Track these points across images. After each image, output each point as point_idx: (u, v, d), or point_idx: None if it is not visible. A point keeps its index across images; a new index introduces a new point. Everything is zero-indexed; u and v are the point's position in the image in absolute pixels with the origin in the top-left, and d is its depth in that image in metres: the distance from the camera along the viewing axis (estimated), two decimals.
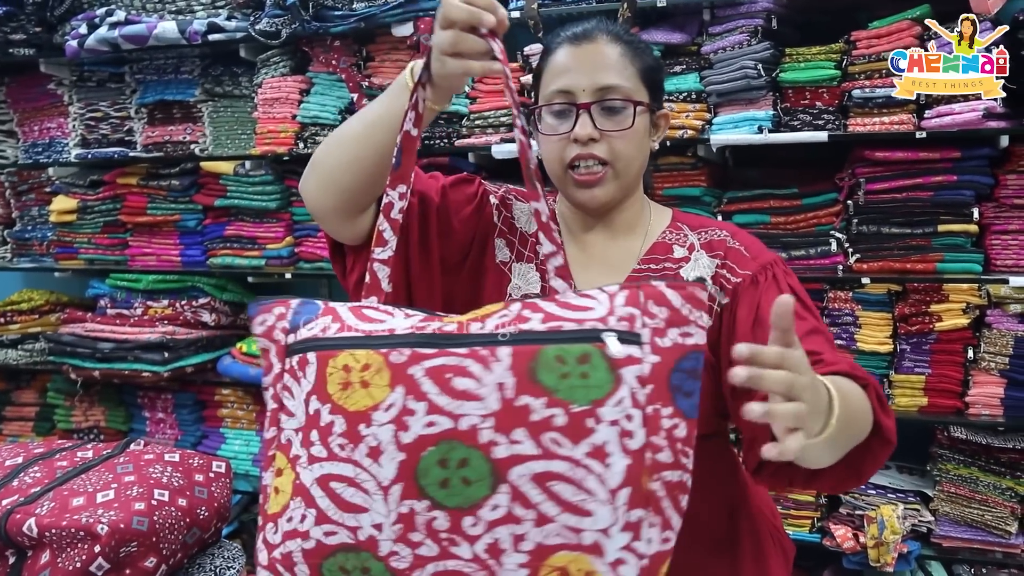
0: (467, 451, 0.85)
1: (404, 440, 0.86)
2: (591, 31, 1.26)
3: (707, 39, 2.50)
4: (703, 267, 1.26)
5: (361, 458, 0.86)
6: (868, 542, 2.38)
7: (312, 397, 0.89)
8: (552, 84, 1.25)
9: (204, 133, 3.08)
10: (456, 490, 0.85)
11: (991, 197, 2.36)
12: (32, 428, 3.44)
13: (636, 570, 0.86)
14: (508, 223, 1.34)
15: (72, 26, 3.06)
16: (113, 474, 1.45)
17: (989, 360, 2.36)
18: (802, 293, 1.22)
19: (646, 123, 1.26)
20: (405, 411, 0.86)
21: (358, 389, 0.87)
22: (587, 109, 1.21)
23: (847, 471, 1.05)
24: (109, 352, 3.04)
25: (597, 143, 1.22)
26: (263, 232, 3.04)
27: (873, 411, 1.03)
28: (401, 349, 0.88)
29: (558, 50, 1.26)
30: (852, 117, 2.37)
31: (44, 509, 1.33)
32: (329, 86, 2.86)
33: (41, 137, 3.37)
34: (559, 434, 0.85)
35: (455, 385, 0.85)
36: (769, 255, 1.25)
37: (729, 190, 2.60)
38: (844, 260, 2.45)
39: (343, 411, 0.87)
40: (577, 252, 1.32)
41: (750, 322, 1.17)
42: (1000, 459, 2.40)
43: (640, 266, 1.28)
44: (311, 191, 1.20)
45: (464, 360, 0.86)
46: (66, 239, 3.35)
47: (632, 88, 1.23)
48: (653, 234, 1.32)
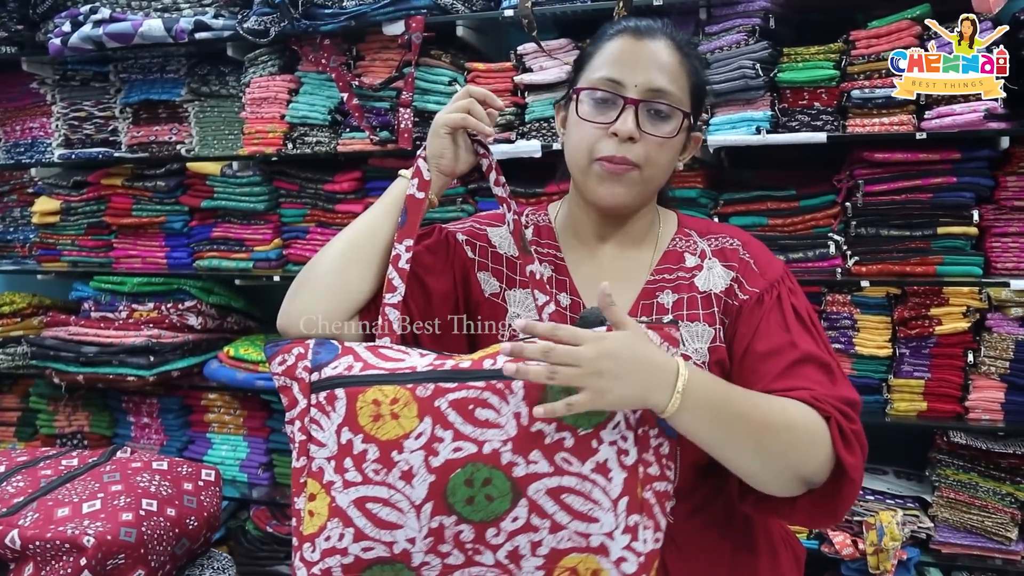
0: (490, 471, 0.99)
1: (434, 464, 0.99)
2: (655, 30, 1.22)
3: (704, 39, 2.46)
4: (717, 276, 1.24)
5: (395, 481, 0.99)
6: (867, 549, 2.35)
7: (344, 429, 1.01)
8: (601, 70, 1.20)
9: (190, 133, 3.03)
10: (480, 506, 0.99)
11: (991, 199, 2.34)
12: (14, 434, 3.37)
13: (635, 566, 1.01)
14: (486, 253, 1.30)
15: (55, 24, 3.00)
16: (99, 483, 1.42)
17: (989, 364, 2.34)
18: (804, 310, 1.21)
19: (683, 138, 1.23)
20: (434, 438, 0.99)
21: (388, 420, 1.00)
22: (635, 105, 1.17)
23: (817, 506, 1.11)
24: (93, 356, 2.99)
25: (634, 144, 1.17)
26: (251, 234, 2.99)
27: (834, 443, 1.07)
28: (425, 384, 1.01)
29: (616, 38, 1.22)
30: (851, 118, 2.35)
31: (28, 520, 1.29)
32: (318, 86, 2.81)
33: (23, 137, 3.31)
34: (568, 454, 1.00)
35: (477, 415, 0.99)
36: (777, 269, 1.24)
37: (725, 192, 2.57)
38: (842, 263, 2.43)
39: (376, 440, 1.00)
40: (587, 263, 1.28)
41: (742, 349, 1.19)
42: (1000, 464, 2.37)
43: (653, 277, 1.26)
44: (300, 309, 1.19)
45: (483, 392, 1.00)
46: (49, 241, 3.29)
47: (682, 99, 1.20)
48: (663, 242, 1.29)
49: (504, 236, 1.30)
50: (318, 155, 2.82)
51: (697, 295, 1.23)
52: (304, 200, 2.93)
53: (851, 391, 1.15)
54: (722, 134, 2.43)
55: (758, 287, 1.21)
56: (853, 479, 1.09)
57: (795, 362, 1.14)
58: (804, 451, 1.07)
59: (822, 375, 1.14)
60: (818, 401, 1.09)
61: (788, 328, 1.17)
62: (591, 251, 1.29)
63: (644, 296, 1.24)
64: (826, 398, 1.10)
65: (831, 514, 1.13)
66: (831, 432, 1.08)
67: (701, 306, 1.22)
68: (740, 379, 1.16)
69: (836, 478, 1.09)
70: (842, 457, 1.08)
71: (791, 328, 1.17)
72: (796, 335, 1.17)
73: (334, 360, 1.05)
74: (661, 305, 1.23)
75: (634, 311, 1.23)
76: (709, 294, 1.22)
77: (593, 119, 1.19)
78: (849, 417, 1.11)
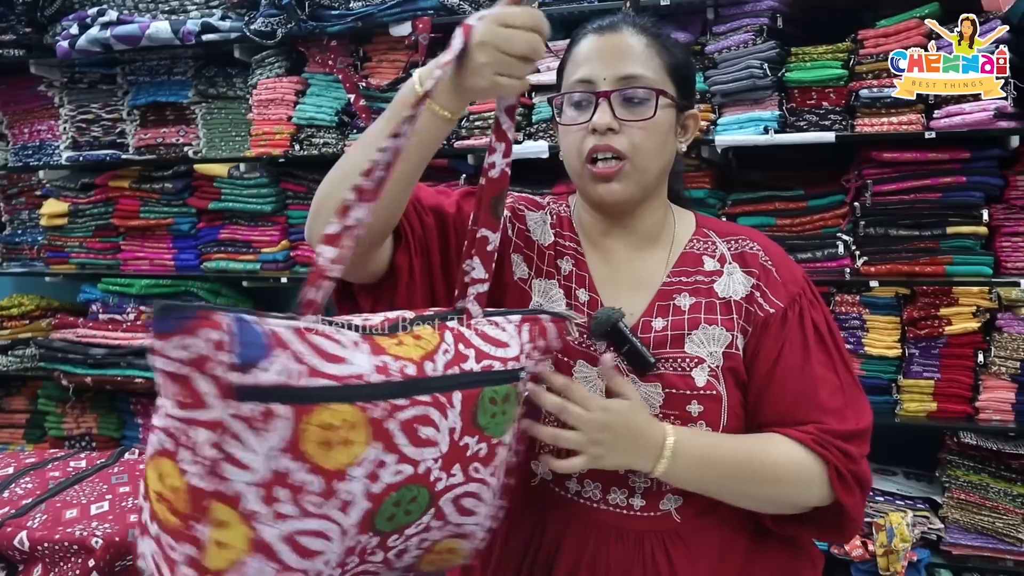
0: (418, 490, 0.92)
1: (374, 490, 0.88)
2: (616, 22, 1.22)
3: (711, 39, 2.46)
4: (737, 282, 1.22)
5: (332, 511, 0.87)
6: (877, 550, 2.34)
7: (281, 455, 0.83)
8: (574, 74, 1.20)
9: (198, 135, 3.04)
10: (397, 520, 0.92)
11: (1001, 198, 2.34)
12: (23, 435, 3.39)
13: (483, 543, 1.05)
14: (523, 236, 1.28)
15: (63, 26, 3.02)
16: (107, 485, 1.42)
17: (1000, 364, 2.33)
18: (824, 326, 1.22)
19: (671, 119, 1.21)
20: (379, 463, 0.88)
21: (338, 447, 0.85)
22: (607, 97, 1.16)
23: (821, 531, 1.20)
24: (101, 358, 3.01)
25: (616, 135, 1.16)
26: (258, 236, 3.00)
27: (832, 487, 1.13)
28: (377, 402, 0.88)
29: (582, 40, 1.22)
30: (859, 117, 2.34)
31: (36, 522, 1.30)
32: (325, 87, 2.82)
33: (31, 140, 3.33)
34: (479, 463, 0.98)
35: (420, 434, 0.91)
36: (797, 279, 1.23)
37: (733, 192, 2.56)
38: (851, 263, 2.42)
39: (320, 470, 0.85)
40: (600, 263, 1.26)
41: (765, 369, 1.19)
42: (1011, 465, 2.37)
43: (670, 279, 1.24)
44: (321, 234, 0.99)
45: (428, 409, 0.92)
46: (57, 243, 3.30)
47: (656, 79, 1.18)
48: (680, 243, 1.27)
49: (539, 222, 1.30)
50: (325, 156, 2.82)
51: (716, 300, 1.22)
52: (311, 202, 2.92)
53: (862, 418, 1.18)
54: (730, 134, 2.42)
55: (782, 300, 1.20)
56: (852, 518, 1.16)
57: (809, 391, 1.17)
58: (795, 496, 1.15)
59: (837, 400, 1.17)
60: (819, 446, 1.13)
61: (808, 350, 1.19)
62: (604, 251, 1.27)
63: (660, 298, 1.23)
64: (828, 440, 1.14)
65: (837, 536, 1.22)
66: (829, 476, 1.13)
67: (720, 311, 1.21)
68: (760, 397, 1.19)
69: (836, 513, 1.15)
70: (840, 499, 1.14)
71: (811, 350, 1.19)
72: (815, 359, 1.18)
73: (266, 358, 0.82)
74: (678, 307, 1.21)
75: (649, 312, 1.22)
76: (729, 301, 1.22)
77: (574, 122, 1.19)
78: (850, 457, 1.14)
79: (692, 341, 1.19)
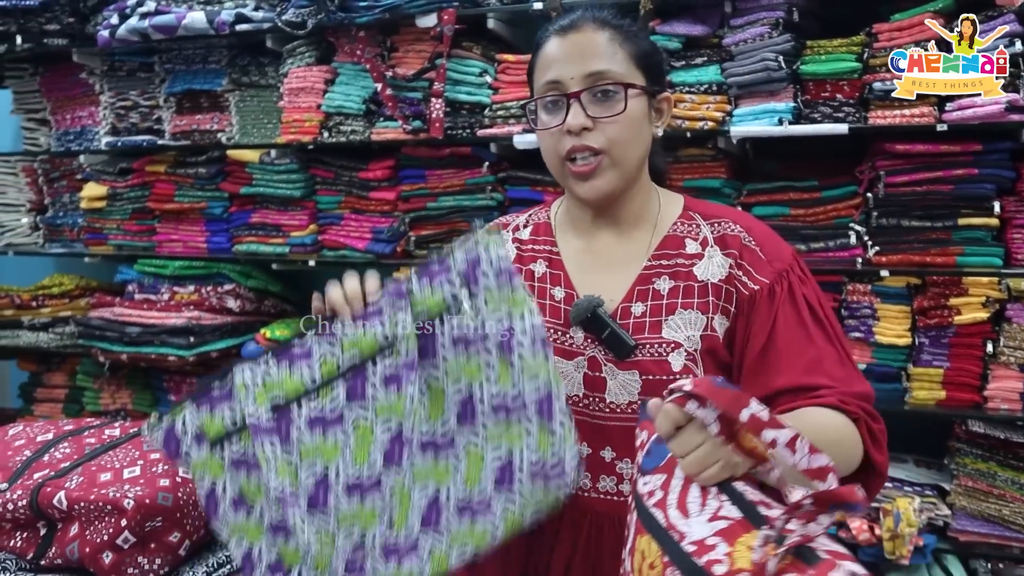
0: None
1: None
2: (577, 20, 1.24)
3: (728, 31, 2.50)
4: (717, 265, 1.24)
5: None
6: (884, 535, 2.38)
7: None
8: (542, 77, 1.24)
9: (231, 122, 3.12)
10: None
11: (1012, 191, 2.35)
12: (62, 410, 3.51)
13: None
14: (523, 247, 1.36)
15: (104, 16, 3.12)
16: (140, 451, 1.49)
17: (1008, 354, 2.35)
18: (815, 300, 1.22)
19: (643, 107, 1.24)
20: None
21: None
22: (577, 98, 1.20)
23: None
24: (136, 336, 3.10)
25: (591, 132, 1.20)
26: (287, 220, 3.08)
27: (864, 444, 1.11)
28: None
29: (546, 43, 1.25)
30: (873, 110, 2.37)
31: (73, 483, 1.37)
32: (354, 76, 2.89)
33: (73, 125, 3.43)
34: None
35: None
36: (785, 256, 1.24)
37: (749, 182, 2.60)
38: (863, 253, 2.45)
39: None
40: (584, 253, 1.31)
41: (760, 344, 1.19)
42: (1019, 454, 2.39)
43: (651, 262, 1.27)
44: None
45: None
46: (96, 225, 3.41)
47: (623, 72, 1.21)
48: (664, 226, 1.29)
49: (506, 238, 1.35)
50: (353, 144, 2.90)
51: (694, 284, 1.23)
52: (339, 187, 3.01)
53: (865, 384, 1.18)
54: (745, 125, 2.46)
55: (767, 277, 1.21)
56: (882, 474, 1.15)
57: (816, 358, 1.17)
58: (851, 456, 1.12)
59: (840, 370, 1.17)
60: (845, 404, 1.12)
61: (803, 322, 1.19)
62: (588, 241, 1.31)
63: (640, 282, 1.26)
64: (851, 399, 1.13)
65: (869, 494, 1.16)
66: (861, 434, 1.12)
67: (697, 295, 1.23)
68: (760, 373, 1.18)
69: (865, 474, 1.14)
70: (873, 457, 1.13)
71: (806, 322, 1.19)
72: (812, 330, 1.19)
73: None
74: (656, 291, 1.24)
75: (629, 297, 1.25)
76: (707, 284, 1.23)
77: (548, 125, 1.23)
78: (874, 416, 1.15)
79: (669, 326, 1.22)
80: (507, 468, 1.10)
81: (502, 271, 1.10)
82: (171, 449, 1.17)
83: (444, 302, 1.11)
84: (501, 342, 1.09)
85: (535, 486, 1.08)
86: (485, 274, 1.10)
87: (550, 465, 1.07)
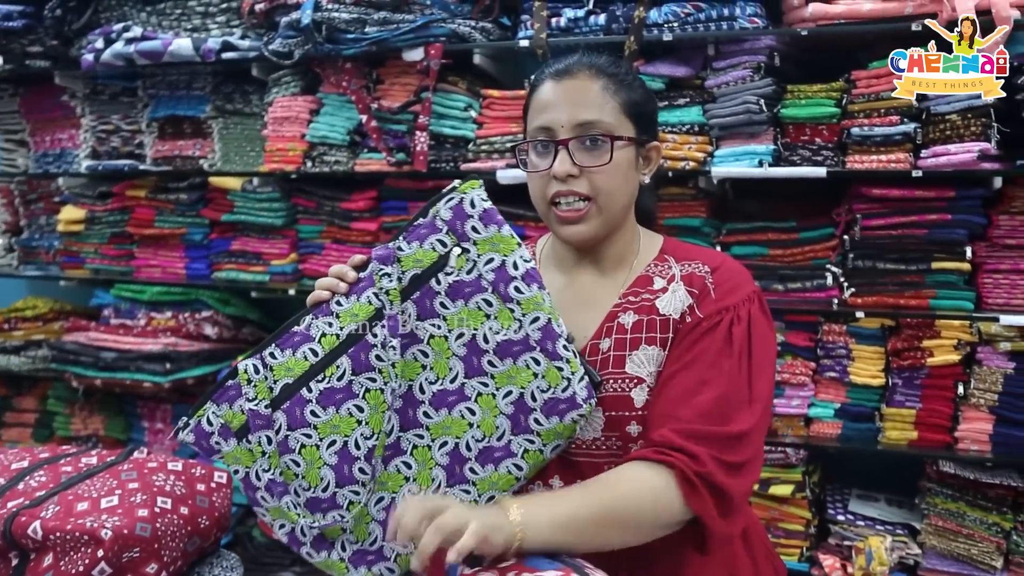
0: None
1: None
2: (572, 66, 1.26)
3: (711, 73, 2.54)
4: (679, 299, 1.26)
5: None
6: (856, 573, 2.40)
7: None
8: (535, 121, 1.26)
9: (213, 149, 3.12)
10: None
11: (984, 237, 2.40)
12: (31, 435, 3.46)
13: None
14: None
15: (89, 40, 3.10)
16: (117, 480, 1.47)
17: (979, 396, 2.39)
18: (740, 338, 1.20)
19: (630, 156, 1.26)
20: None
21: None
22: (565, 146, 1.22)
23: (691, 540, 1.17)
24: (111, 361, 3.07)
25: (577, 179, 1.23)
26: (268, 248, 3.08)
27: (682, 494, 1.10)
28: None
29: (541, 86, 1.27)
30: (850, 154, 2.41)
31: (49, 512, 1.34)
32: (339, 107, 2.90)
33: (52, 147, 3.41)
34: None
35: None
36: (736, 296, 1.24)
37: (729, 221, 2.64)
38: (839, 294, 2.49)
39: None
40: (565, 290, 1.32)
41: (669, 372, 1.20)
42: (987, 494, 2.42)
43: (620, 300, 1.29)
44: None
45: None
46: (72, 248, 3.38)
47: (613, 123, 1.23)
48: (639, 266, 1.32)
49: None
50: (336, 174, 2.90)
51: (656, 317, 1.25)
52: (321, 217, 3.01)
53: (743, 424, 1.16)
54: (726, 166, 2.50)
55: (704, 313, 1.22)
56: (707, 525, 1.12)
57: (691, 390, 1.17)
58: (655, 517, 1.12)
59: (713, 407, 1.15)
60: (660, 454, 1.11)
61: (709, 355, 1.19)
62: (570, 278, 1.34)
63: (609, 319, 1.28)
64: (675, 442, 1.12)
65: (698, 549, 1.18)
66: (676, 481, 1.11)
67: (659, 329, 1.24)
68: (655, 396, 1.20)
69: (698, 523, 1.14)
70: (688, 504, 1.11)
71: (711, 356, 1.19)
72: (711, 363, 1.18)
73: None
74: (621, 326, 1.26)
75: (598, 335, 1.27)
76: (668, 318, 1.24)
77: (537, 168, 1.26)
78: (696, 459, 1.11)
79: (632, 361, 1.24)
80: (521, 408, 1.17)
81: (486, 214, 1.19)
82: (203, 446, 1.26)
83: (435, 254, 1.19)
84: (497, 284, 1.16)
85: (551, 421, 1.15)
86: (472, 222, 1.18)
87: (563, 399, 1.15)
